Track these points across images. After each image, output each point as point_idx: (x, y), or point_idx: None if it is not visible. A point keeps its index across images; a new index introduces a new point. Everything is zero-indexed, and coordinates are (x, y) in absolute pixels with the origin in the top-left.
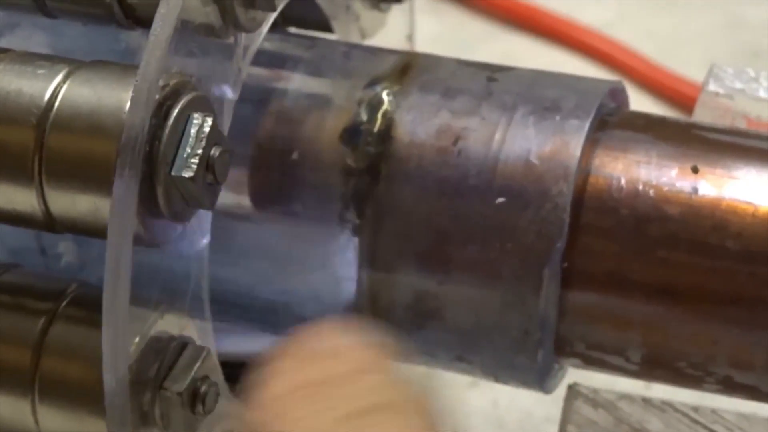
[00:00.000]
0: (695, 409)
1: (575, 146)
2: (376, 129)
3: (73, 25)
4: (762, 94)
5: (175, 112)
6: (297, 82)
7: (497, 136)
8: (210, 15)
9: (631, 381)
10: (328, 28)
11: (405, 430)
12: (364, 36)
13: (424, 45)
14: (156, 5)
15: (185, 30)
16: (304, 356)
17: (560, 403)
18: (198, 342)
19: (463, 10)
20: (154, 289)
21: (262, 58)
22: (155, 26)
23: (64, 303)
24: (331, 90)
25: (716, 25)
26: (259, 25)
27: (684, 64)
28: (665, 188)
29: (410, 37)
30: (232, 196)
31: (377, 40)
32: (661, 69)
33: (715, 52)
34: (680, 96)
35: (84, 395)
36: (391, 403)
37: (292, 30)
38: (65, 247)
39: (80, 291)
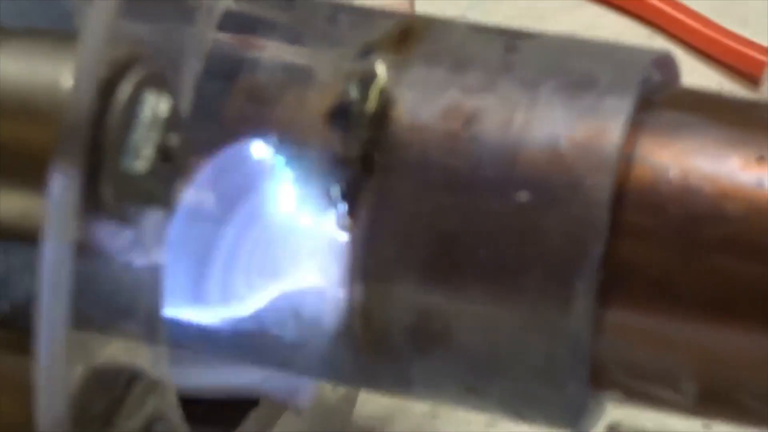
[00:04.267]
0: None
1: (614, 130)
2: (369, 109)
3: None
4: None
5: (125, 90)
6: (272, 52)
7: (518, 118)
8: None
9: (685, 419)
10: None
11: None
12: None
13: (424, 3)
14: None
15: None
16: None
17: None
18: (152, 373)
19: None
20: (99, 308)
21: (228, 23)
22: None
23: None
24: (313, 61)
25: None
26: None
27: (750, 23)
28: (723, 182)
29: None
30: (194, 193)
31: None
32: (719, 29)
33: None
34: (744, 63)
35: None
36: None
37: None
38: None
39: (5, 310)
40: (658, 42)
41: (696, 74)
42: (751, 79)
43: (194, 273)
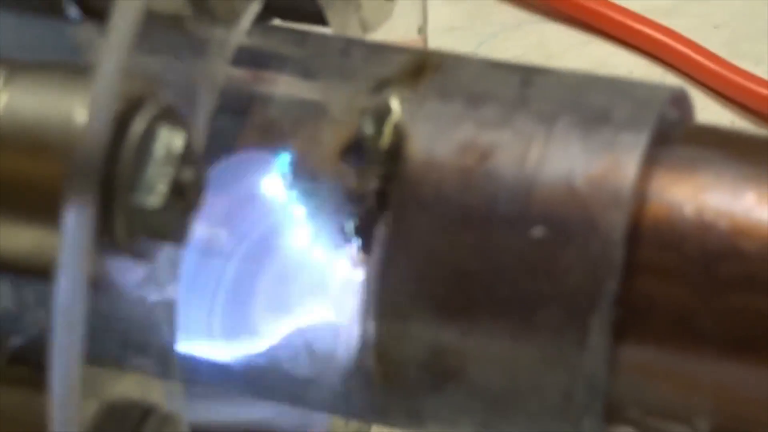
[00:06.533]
0: None
1: (629, 166)
2: (384, 144)
3: (6, 16)
4: None
5: (139, 125)
6: (285, 87)
7: (533, 154)
8: (178, 4)
9: None
10: (321, 20)
11: None
12: (366, 29)
13: (437, 37)
14: None
15: (149, 23)
16: None
17: None
18: (165, 408)
19: None
20: (112, 343)
21: (241, 57)
22: (115, 18)
23: (1, 361)
24: (327, 96)
25: None
26: (238, 15)
27: (759, 61)
28: (740, 218)
29: (422, 30)
30: (207, 228)
31: (381, 34)
32: (733, 68)
33: None
34: (758, 102)
35: None
36: None
37: (277, 23)
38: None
39: (20, 346)
40: (670, 80)
41: (708, 112)
42: (763, 117)
43: (208, 309)
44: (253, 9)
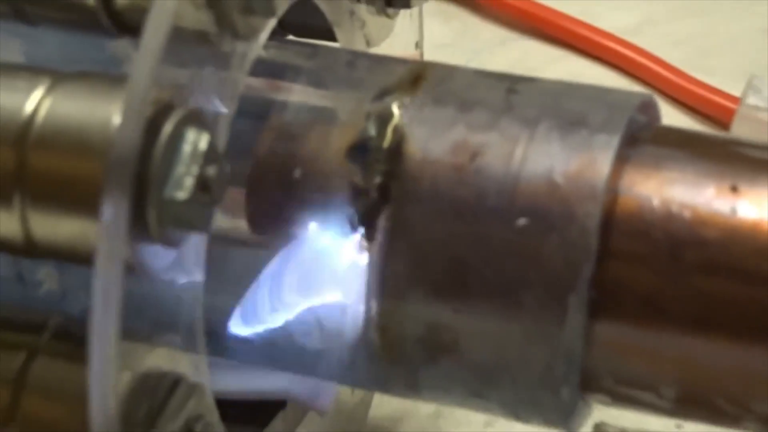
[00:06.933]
0: None
1: (603, 163)
2: (385, 145)
3: (53, 32)
4: None
5: (168, 127)
6: (298, 95)
7: (518, 153)
8: (204, 21)
9: (662, 419)
10: (330, 36)
11: None
12: (369, 44)
13: (431, 52)
14: (145, 11)
15: (178, 38)
16: None
17: None
18: (191, 378)
19: (474, 15)
20: (144, 321)
21: (259, 69)
22: (146, 34)
23: (46, 336)
24: (335, 102)
25: (754, 29)
26: (257, 32)
27: (717, 74)
28: (701, 209)
29: (419, 45)
30: (229, 219)
31: (383, 48)
32: (691, 79)
33: (753, 61)
34: (713, 110)
35: None
36: None
37: (291, 38)
38: (46, 274)
39: (63, 323)
40: (636, 89)
41: (668, 118)
42: (718, 123)
43: (229, 290)
44: (270, 26)
